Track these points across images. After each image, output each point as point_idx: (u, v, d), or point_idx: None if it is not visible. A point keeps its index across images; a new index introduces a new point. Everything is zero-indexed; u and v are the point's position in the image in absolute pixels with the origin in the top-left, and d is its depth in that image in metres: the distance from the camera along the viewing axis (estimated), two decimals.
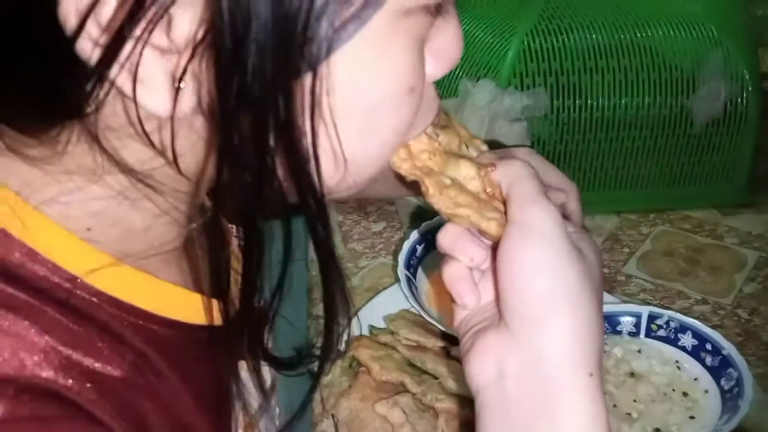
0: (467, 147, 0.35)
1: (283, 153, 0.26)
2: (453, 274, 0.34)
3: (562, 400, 0.30)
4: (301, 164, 0.26)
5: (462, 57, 0.79)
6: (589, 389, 0.30)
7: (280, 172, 0.26)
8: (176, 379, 0.31)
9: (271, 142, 0.25)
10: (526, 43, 0.72)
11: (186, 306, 0.32)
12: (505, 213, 0.32)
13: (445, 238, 0.34)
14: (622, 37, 0.73)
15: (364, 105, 0.27)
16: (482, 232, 0.33)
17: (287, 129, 0.25)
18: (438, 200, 0.32)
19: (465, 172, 0.33)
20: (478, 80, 0.73)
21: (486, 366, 0.31)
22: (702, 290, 0.67)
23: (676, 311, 0.58)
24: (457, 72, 0.76)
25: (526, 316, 0.30)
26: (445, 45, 0.30)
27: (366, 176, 0.31)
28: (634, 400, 0.50)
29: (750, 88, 0.75)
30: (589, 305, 0.30)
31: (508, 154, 0.42)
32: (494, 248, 0.32)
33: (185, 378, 0.31)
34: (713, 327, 0.59)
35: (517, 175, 0.32)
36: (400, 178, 0.34)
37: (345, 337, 0.47)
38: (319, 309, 0.66)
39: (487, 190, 0.33)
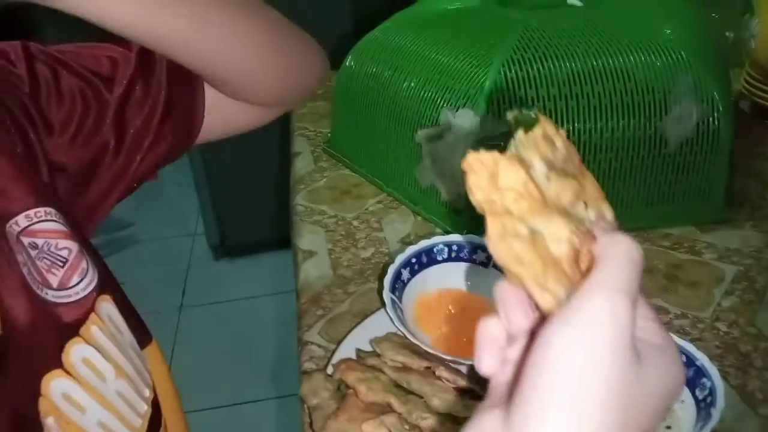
0: (585, 206, 0.29)
1: None
2: (484, 330, 0.30)
3: None
4: None
5: (442, 88, 0.82)
6: None
7: None
8: None
9: None
10: (502, 72, 0.75)
11: None
12: None
13: (498, 288, 0.30)
14: (594, 63, 0.76)
15: None
16: (535, 303, 0.28)
17: None
18: (496, 246, 0.27)
19: (555, 230, 0.27)
20: (457, 110, 0.76)
21: None
22: (681, 305, 0.69)
23: None
24: (437, 102, 0.79)
25: (523, 407, 0.26)
26: None
27: None
28: None
29: (721, 108, 0.78)
30: (606, 426, 0.25)
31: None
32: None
33: None
34: (692, 341, 0.61)
35: (614, 254, 0.27)
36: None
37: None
38: (308, 335, 0.68)
39: (580, 265, 0.27)
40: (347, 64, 0.94)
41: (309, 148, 1.03)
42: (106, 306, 0.47)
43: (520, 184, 0.27)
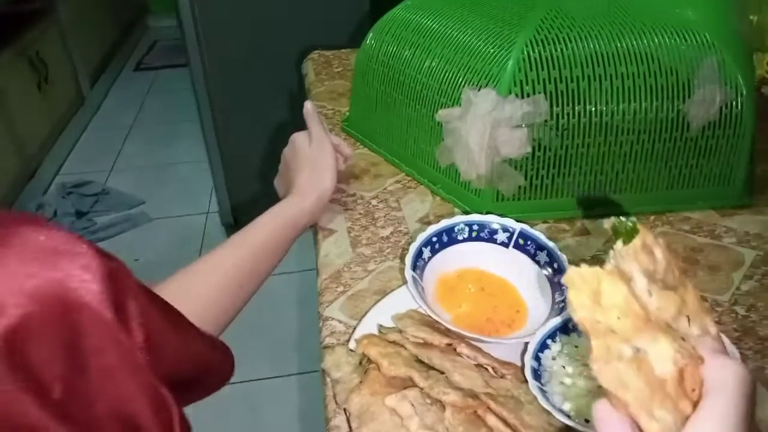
0: (689, 321, 0.29)
1: None
2: None
3: None
4: None
5: (464, 67, 0.82)
6: None
7: None
8: None
9: None
10: (525, 52, 0.74)
11: None
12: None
13: (597, 412, 0.28)
14: (618, 45, 0.76)
15: None
16: (639, 428, 0.27)
17: None
18: (600, 369, 0.27)
19: (661, 350, 0.27)
20: (479, 89, 0.76)
21: None
22: (700, 288, 0.69)
23: None
24: (459, 82, 0.79)
25: None
26: None
27: None
28: None
29: (744, 92, 0.77)
30: None
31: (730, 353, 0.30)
32: None
33: None
34: None
35: (723, 384, 0.27)
36: None
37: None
38: (329, 311, 0.69)
39: (685, 385, 0.27)
40: (367, 42, 0.94)
41: (327, 127, 1.03)
42: None
43: (623, 301, 0.27)
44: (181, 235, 2.29)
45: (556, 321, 0.57)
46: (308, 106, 0.78)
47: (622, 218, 0.31)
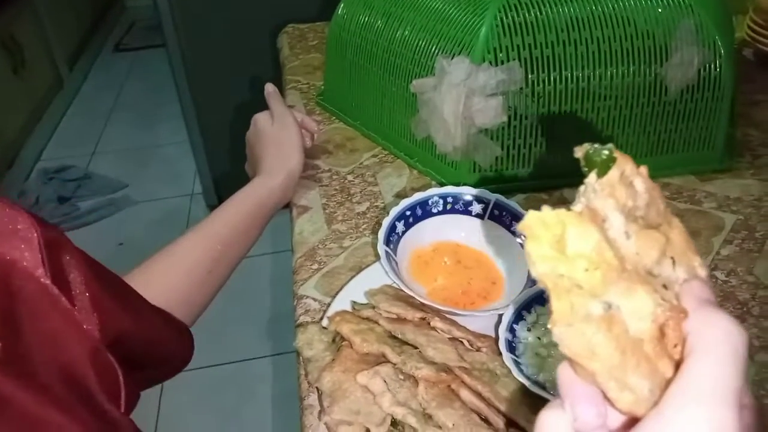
0: (673, 264, 0.24)
1: None
2: (544, 425, 0.24)
3: None
4: None
5: (436, 35, 0.80)
6: None
7: None
8: None
9: None
10: (498, 18, 0.72)
11: None
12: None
13: (561, 377, 0.24)
14: (593, 8, 0.74)
15: None
16: (607, 399, 0.23)
17: None
18: (563, 333, 0.22)
19: (638, 305, 0.22)
20: (453, 58, 0.74)
21: None
22: None
23: None
24: (432, 50, 0.77)
25: None
26: None
27: None
28: None
29: (723, 54, 0.76)
30: None
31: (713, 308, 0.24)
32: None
33: None
34: None
35: (711, 344, 0.22)
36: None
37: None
38: (303, 289, 0.67)
39: (667, 342, 0.22)
40: (339, 13, 0.91)
41: (302, 102, 1.01)
42: None
43: (594, 250, 0.22)
44: (165, 218, 2.26)
45: (531, 292, 0.56)
46: (269, 87, 0.77)
47: (597, 145, 0.25)
